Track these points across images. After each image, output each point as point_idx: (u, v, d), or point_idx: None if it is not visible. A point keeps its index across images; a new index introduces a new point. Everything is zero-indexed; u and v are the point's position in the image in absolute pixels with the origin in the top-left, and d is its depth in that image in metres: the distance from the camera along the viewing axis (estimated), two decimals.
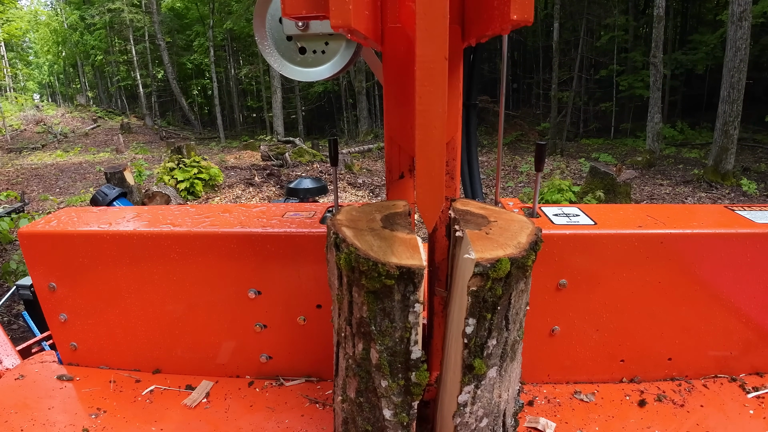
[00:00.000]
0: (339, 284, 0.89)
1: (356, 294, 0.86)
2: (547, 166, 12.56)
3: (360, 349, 0.90)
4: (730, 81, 10.01)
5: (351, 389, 0.94)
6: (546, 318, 1.30)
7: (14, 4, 30.66)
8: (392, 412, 0.90)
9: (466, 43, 0.98)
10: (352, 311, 0.88)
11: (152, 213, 1.48)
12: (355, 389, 0.93)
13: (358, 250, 0.82)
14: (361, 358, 0.90)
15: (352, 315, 0.89)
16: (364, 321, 0.87)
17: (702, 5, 20.99)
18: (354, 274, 0.84)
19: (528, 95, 24.34)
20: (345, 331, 0.92)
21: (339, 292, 0.90)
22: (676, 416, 1.22)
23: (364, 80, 21.69)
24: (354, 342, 0.90)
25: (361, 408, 0.94)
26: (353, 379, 0.93)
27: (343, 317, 0.91)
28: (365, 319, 0.86)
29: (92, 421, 1.24)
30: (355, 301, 0.87)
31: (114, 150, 19.09)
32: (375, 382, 0.90)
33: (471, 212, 1.02)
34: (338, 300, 0.92)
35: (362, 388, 0.92)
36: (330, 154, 1.36)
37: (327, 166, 11.95)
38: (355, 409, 0.95)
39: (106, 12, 28.12)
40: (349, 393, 0.95)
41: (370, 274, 0.81)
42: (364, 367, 0.90)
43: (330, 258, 0.93)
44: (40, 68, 44.72)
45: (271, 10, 1.18)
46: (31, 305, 2.48)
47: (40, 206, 9.47)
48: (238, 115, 31.67)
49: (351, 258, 0.83)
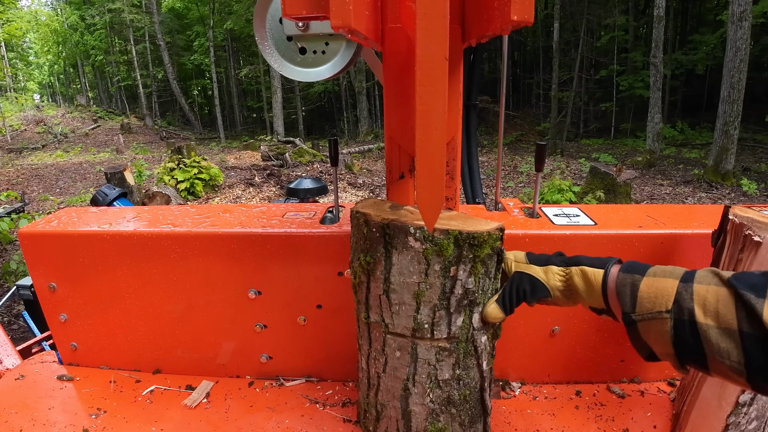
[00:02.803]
0: (443, 273, 0.92)
1: (462, 271, 0.91)
2: (548, 166, 12.56)
3: (460, 323, 0.95)
4: (731, 81, 10.01)
5: (446, 371, 0.98)
6: (546, 318, 1.30)
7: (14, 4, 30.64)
8: (489, 367, 1.03)
9: (467, 43, 0.98)
10: (454, 290, 0.92)
11: (152, 213, 1.48)
12: (453, 365, 0.98)
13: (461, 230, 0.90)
14: (463, 329, 0.96)
15: (453, 293, 0.93)
16: (470, 291, 0.93)
17: (702, 5, 20.99)
18: (462, 250, 0.90)
19: (528, 95, 24.33)
20: (438, 317, 0.95)
21: (440, 282, 0.93)
22: (677, 416, 1.22)
23: (364, 80, 21.69)
24: (451, 321, 0.95)
25: (459, 381, 1.00)
26: (450, 357, 0.98)
27: (432, 306, 0.94)
28: (471, 289, 0.93)
29: (92, 421, 1.24)
30: (459, 277, 0.92)
31: (114, 150, 19.09)
32: (477, 344, 0.98)
33: (755, 219, 1.01)
34: (426, 291, 0.94)
35: (461, 359, 0.98)
36: (330, 154, 1.36)
37: (327, 166, 11.95)
38: (453, 384, 1.00)
39: (107, 12, 28.12)
40: (443, 375, 0.99)
41: (479, 243, 0.90)
42: (466, 337, 0.97)
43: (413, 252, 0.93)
44: (41, 68, 44.73)
45: (272, 10, 1.18)
46: (31, 305, 2.48)
47: (40, 206, 9.47)
48: (238, 116, 31.66)
49: (460, 238, 0.89)
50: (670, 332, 0.74)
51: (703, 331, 0.70)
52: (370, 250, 0.96)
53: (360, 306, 1.04)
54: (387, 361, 1.02)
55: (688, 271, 0.78)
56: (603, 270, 0.86)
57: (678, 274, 0.77)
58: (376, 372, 1.06)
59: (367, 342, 1.06)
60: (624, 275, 0.82)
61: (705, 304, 0.71)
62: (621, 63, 19.30)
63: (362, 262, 0.98)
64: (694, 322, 0.71)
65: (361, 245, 0.98)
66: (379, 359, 1.04)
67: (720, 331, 0.69)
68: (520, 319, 1.29)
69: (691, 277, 0.75)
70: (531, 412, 1.25)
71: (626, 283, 0.81)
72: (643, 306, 0.78)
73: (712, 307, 0.70)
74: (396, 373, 1.02)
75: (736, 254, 0.99)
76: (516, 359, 1.35)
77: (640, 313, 0.78)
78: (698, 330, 0.71)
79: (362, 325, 1.06)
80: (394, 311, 0.97)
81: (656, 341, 0.78)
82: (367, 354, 1.07)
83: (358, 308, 1.06)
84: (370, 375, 1.08)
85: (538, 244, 1.22)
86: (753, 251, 0.94)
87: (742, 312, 0.67)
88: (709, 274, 0.74)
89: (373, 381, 1.07)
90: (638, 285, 0.79)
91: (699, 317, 0.71)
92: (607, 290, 0.85)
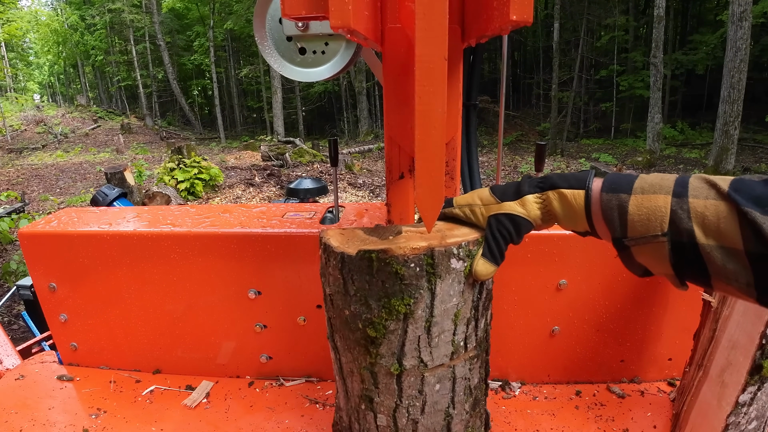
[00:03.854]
0: (474, 283, 0.86)
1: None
2: (548, 166, 12.56)
3: (483, 325, 0.93)
4: (731, 81, 10.02)
5: (475, 377, 0.95)
6: (546, 318, 1.30)
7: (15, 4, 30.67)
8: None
9: (466, 43, 0.98)
10: (481, 296, 0.88)
11: (152, 213, 1.48)
12: (479, 368, 0.96)
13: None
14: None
15: (480, 298, 0.88)
16: (490, 291, 0.92)
17: (702, 5, 21.00)
18: None
19: (528, 95, 24.35)
20: (471, 330, 0.90)
21: (471, 294, 0.87)
22: (677, 416, 1.22)
23: (364, 80, 21.70)
24: (478, 327, 0.91)
25: (482, 379, 0.97)
26: (478, 361, 0.95)
27: (466, 320, 0.88)
28: (490, 288, 0.92)
29: (92, 421, 1.24)
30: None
31: (114, 150, 19.09)
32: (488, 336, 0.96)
33: None
34: (462, 307, 0.87)
35: (484, 358, 0.96)
36: (330, 154, 1.36)
37: (327, 166, 11.95)
38: (480, 385, 0.97)
39: (107, 12, 28.14)
40: (474, 382, 0.94)
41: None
42: (486, 336, 0.95)
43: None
44: (41, 68, 44.73)
45: (271, 10, 1.18)
46: (31, 305, 2.49)
47: (40, 206, 9.48)
48: (238, 116, 31.67)
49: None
50: (668, 255, 0.67)
51: (705, 252, 0.63)
52: (405, 290, 0.81)
53: (385, 359, 0.87)
54: (426, 401, 0.91)
55: (678, 180, 0.69)
56: (583, 191, 0.76)
57: (668, 188, 0.68)
58: (411, 420, 0.93)
59: (394, 394, 0.90)
60: (608, 196, 0.73)
61: (704, 222, 0.64)
62: (621, 63, 19.31)
63: (397, 308, 0.82)
64: (695, 244, 0.64)
65: (379, 289, 0.82)
66: (415, 404, 0.91)
67: (724, 251, 0.62)
68: (520, 319, 1.29)
69: (685, 189, 0.67)
70: (531, 412, 1.25)
71: (612, 206, 0.72)
72: (636, 230, 0.70)
73: (712, 226, 0.63)
74: (437, 407, 0.92)
75: None
76: (516, 359, 1.35)
77: (633, 237, 0.70)
78: (700, 252, 0.63)
79: (385, 378, 0.89)
80: (433, 345, 0.86)
81: (653, 263, 0.71)
82: (393, 408, 0.91)
83: (381, 362, 0.87)
84: (398, 427, 0.93)
85: (538, 244, 1.23)
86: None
87: (748, 230, 0.60)
88: (704, 185, 0.66)
89: (405, 431, 0.94)
90: (626, 207, 0.70)
91: (699, 238, 0.64)
92: (591, 214, 0.76)
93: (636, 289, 1.27)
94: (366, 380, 0.91)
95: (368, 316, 0.84)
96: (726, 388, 0.99)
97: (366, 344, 0.87)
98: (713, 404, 1.01)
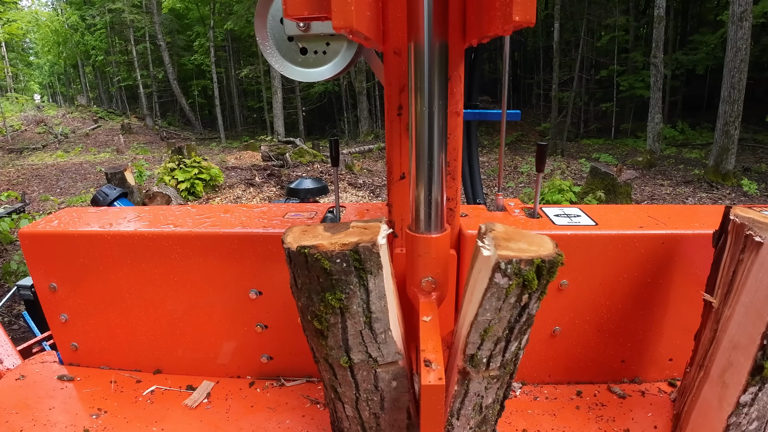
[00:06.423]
0: (516, 304, 0.84)
1: (533, 298, 0.86)
2: (548, 166, 12.55)
3: (514, 348, 0.92)
4: (731, 81, 10.01)
5: (490, 396, 0.94)
6: (547, 318, 1.30)
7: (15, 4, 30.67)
8: None
9: (467, 43, 0.98)
10: (520, 318, 0.86)
11: (153, 213, 1.48)
12: (497, 389, 0.94)
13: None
14: None
15: (518, 321, 0.86)
16: (532, 316, 0.89)
17: (702, 5, 20.99)
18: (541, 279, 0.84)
19: (528, 95, 24.34)
20: (498, 350, 0.89)
21: (510, 314, 0.85)
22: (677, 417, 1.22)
23: (365, 80, 21.69)
24: (507, 349, 0.90)
25: (497, 401, 0.97)
26: (497, 382, 0.94)
27: (495, 339, 0.86)
28: (533, 314, 0.89)
29: (93, 421, 1.24)
30: (529, 305, 0.86)
31: (115, 150, 19.09)
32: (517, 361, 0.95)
33: (756, 220, 0.99)
34: (495, 325, 0.85)
35: (506, 381, 0.95)
36: (331, 154, 1.36)
37: (328, 166, 11.95)
38: (494, 405, 0.96)
39: (107, 12, 28.15)
40: (487, 401, 0.93)
41: (553, 268, 0.83)
42: (514, 360, 0.93)
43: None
44: (41, 68, 44.75)
45: (273, 10, 1.18)
46: (31, 305, 2.48)
47: (40, 206, 9.48)
48: (238, 116, 31.67)
49: (542, 266, 0.81)
50: None
51: None
52: (336, 285, 0.82)
53: (335, 351, 0.90)
54: (384, 397, 0.92)
55: None
56: None
57: None
58: (372, 414, 0.96)
59: (352, 386, 0.92)
60: None
61: None
62: (621, 63, 19.30)
63: (331, 302, 0.83)
64: None
65: (316, 284, 0.83)
66: (373, 399, 0.93)
67: None
68: None
69: None
70: (532, 413, 1.25)
71: None
72: None
73: None
74: (397, 404, 0.93)
75: (737, 255, 0.99)
76: None
77: None
78: None
79: (340, 370, 0.92)
80: (380, 341, 0.87)
81: None
82: (355, 399, 0.94)
83: (332, 354, 0.90)
84: (363, 419, 0.97)
85: None
86: (754, 252, 0.94)
87: None
88: None
89: (370, 423, 0.97)
90: None
91: None
92: None
93: (637, 290, 1.27)
94: (326, 370, 0.94)
95: (313, 309, 0.86)
96: (727, 388, 0.99)
97: (317, 336, 0.90)
98: (714, 405, 1.01)
